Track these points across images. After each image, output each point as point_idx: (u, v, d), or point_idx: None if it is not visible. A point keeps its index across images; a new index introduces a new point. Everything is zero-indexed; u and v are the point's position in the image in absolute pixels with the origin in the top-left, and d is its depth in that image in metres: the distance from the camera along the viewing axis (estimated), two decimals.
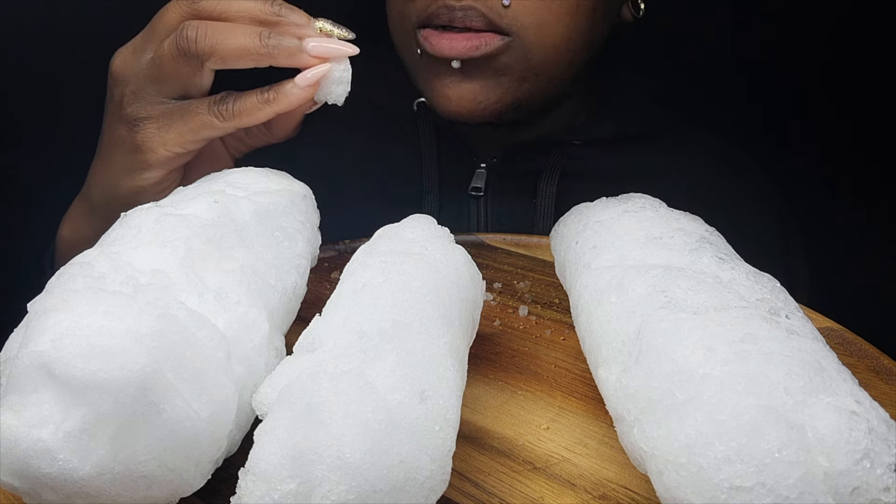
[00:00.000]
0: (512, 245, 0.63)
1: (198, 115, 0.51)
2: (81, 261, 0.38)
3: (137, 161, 0.52)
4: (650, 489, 0.37)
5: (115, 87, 0.53)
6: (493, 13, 0.57)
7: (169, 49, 0.50)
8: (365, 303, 0.38)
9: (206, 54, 0.49)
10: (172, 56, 0.49)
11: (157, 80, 0.51)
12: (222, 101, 0.51)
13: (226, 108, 0.51)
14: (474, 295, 0.45)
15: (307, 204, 0.51)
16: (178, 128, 0.51)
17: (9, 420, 0.32)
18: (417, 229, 0.46)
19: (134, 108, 0.51)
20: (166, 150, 0.51)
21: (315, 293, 0.52)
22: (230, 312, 0.39)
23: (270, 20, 0.49)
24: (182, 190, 0.47)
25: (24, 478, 0.33)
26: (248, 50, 0.49)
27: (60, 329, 0.32)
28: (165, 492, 0.34)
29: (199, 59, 0.49)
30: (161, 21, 0.50)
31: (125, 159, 0.53)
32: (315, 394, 0.32)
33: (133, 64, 0.52)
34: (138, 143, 0.52)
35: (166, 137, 0.51)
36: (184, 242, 0.40)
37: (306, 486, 0.31)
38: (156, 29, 0.51)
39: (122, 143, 0.53)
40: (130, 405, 0.32)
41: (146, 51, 0.51)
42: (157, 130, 0.51)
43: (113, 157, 0.54)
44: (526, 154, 0.71)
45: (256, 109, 0.51)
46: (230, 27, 0.49)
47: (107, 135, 0.54)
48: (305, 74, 0.50)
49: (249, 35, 0.49)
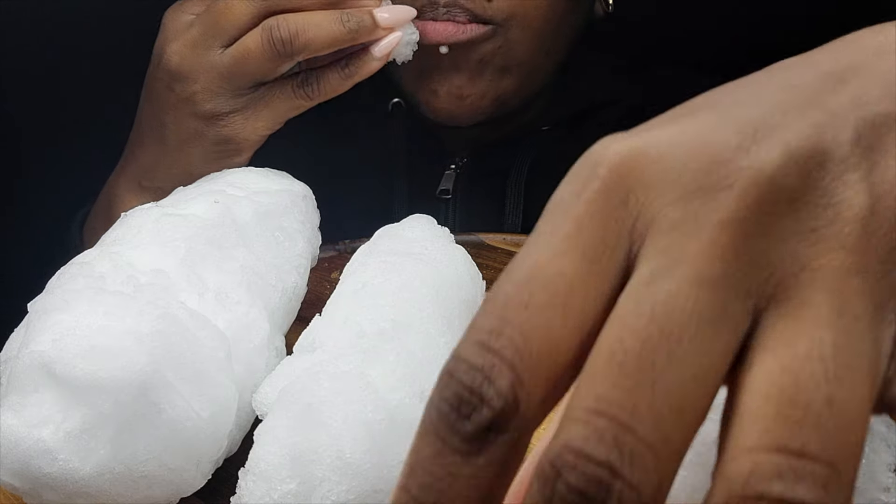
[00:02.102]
0: (512, 245, 0.63)
1: (284, 100, 0.53)
2: (82, 261, 0.38)
3: (227, 150, 0.54)
4: None
5: (177, 84, 0.53)
6: (476, 7, 0.58)
7: (256, 47, 0.51)
8: (365, 303, 0.38)
9: (300, 51, 0.51)
10: (263, 54, 0.51)
11: (238, 75, 0.52)
12: (306, 83, 0.53)
13: (311, 89, 0.53)
14: (474, 295, 0.45)
15: (307, 204, 0.51)
16: (266, 114, 0.53)
17: (9, 420, 0.32)
18: (417, 229, 0.46)
19: (214, 105, 0.53)
20: (257, 136, 0.54)
21: (315, 293, 0.52)
22: (230, 312, 0.39)
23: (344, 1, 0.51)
24: (182, 190, 0.48)
25: (24, 478, 0.33)
26: (337, 39, 0.51)
27: (61, 329, 0.32)
28: (166, 492, 0.34)
29: (293, 55, 0.51)
30: (227, 18, 0.51)
31: (210, 150, 0.54)
32: (315, 394, 0.32)
33: (198, 60, 0.52)
34: (226, 136, 0.54)
35: (257, 125, 0.53)
36: (184, 242, 0.40)
37: (306, 486, 0.31)
38: (221, 26, 0.51)
39: (203, 137, 0.54)
40: (131, 405, 0.32)
41: (212, 47, 0.51)
42: (245, 121, 0.53)
43: (191, 151, 0.55)
44: (495, 152, 0.71)
45: (339, 85, 0.53)
46: (315, 19, 0.51)
47: (175, 131, 0.55)
48: (381, 45, 0.53)
49: (334, 23, 0.51)
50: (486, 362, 0.19)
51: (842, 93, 0.20)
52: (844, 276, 0.18)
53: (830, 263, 0.18)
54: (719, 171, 0.19)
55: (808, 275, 0.18)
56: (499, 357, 0.19)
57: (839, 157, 0.19)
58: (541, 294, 0.19)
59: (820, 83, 0.20)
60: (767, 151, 0.19)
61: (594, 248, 0.19)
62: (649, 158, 0.19)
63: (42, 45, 0.65)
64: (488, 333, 0.19)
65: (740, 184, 0.18)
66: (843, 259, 0.18)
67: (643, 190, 0.19)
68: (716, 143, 0.19)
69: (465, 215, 0.70)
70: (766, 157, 0.19)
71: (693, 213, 0.18)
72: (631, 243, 0.19)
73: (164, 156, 0.56)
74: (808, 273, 0.18)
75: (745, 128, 0.19)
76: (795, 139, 0.19)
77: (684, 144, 0.19)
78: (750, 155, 0.19)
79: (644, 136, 0.20)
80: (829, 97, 0.20)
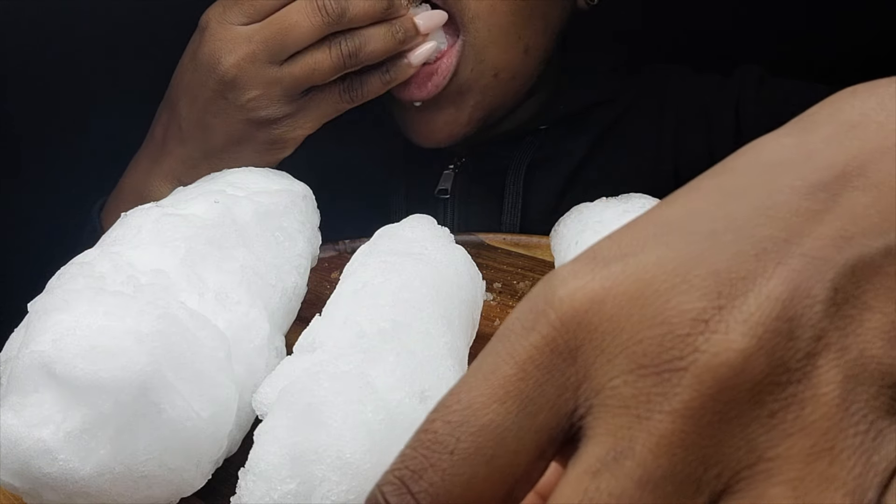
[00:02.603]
0: (512, 245, 0.63)
1: (331, 103, 0.56)
2: (82, 261, 0.38)
3: (274, 150, 0.57)
4: None
5: (231, 93, 0.54)
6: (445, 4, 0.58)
7: (326, 61, 0.54)
8: (365, 303, 0.38)
9: (363, 63, 0.54)
10: (332, 67, 0.54)
11: (299, 85, 0.54)
12: (351, 88, 0.56)
13: (356, 93, 0.56)
14: (474, 295, 0.45)
15: (307, 204, 0.51)
16: (313, 116, 0.56)
17: (9, 420, 0.32)
18: (417, 229, 0.46)
19: (268, 113, 0.55)
20: (302, 135, 0.57)
21: (315, 293, 0.52)
22: (230, 312, 0.39)
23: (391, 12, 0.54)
24: (182, 190, 0.48)
25: (24, 478, 0.33)
26: (391, 49, 0.55)
27: (61, 329, 0.32)
28: (166, 492, 0.34)
29: (357, 66, 0.55)
30: (293, 36, 0.53)
31: (258, 150, 0.57)
32: (315, 394, 0.32)
33: (259, 74, 0.54)
34: (276, 137, 0.56)
35: (305, 126, 0.56)
36: (184, 242, 0.40)
37: (306, 486, 0.31)
38: (286, 43, 0.53)
39: (253, 139, 0.56)
40: (131, 405, 0.32)
41: (273, 62, 0.54)
42: (294, 122, 0.56)
43: (239, 150, 0.57)
44: (494, 151, 0.71)
45: (380, 89, 0.57)
46: (373, 33, 0.54)
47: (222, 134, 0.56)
48: (417, 54, 0.57)
49: (388, 35, 0.54)
50: None
51: (826, 221, 0.18)
52: (805, 462, 0.17)
53: (788, 451, 0.17)
54: (675, 349, 0.17)
55: (763, 466, 0.17)
56: (415, 501, 0.18)
57: (810, 324, 0.17)
58: (469, 441, 0.18)
59: (807, 201, 0.18)
60: (728, 330, 0.17)
61: (533, 402, 0.18)
62: (604, 314, 0.18)
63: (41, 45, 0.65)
64: (412, 472, 0.18)
65: (695, 369, 0.17)
66: (804, 444, 0.17)
67: (593, 350, 0.18)
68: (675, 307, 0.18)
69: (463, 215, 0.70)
70: (727, 339, 0.17)
71: (645, 394, 0.17)
72: (576, 405, 0.18)
73: (209, 155, 0.58)
74: (764, 464, 0.17)
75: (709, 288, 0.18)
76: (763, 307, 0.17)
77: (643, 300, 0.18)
78: (709, 333, 0.17)
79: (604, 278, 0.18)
80: (813, 227, 0.18)
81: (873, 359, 0.17)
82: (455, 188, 0.70)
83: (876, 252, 0.18)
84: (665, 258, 0.18)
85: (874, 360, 0.17)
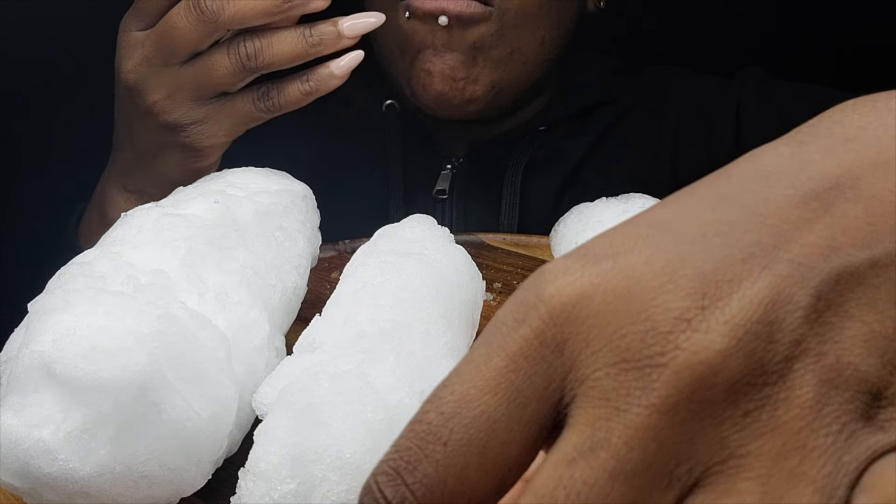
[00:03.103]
0: (512, 245, 0.63)
1: (245, 111, 0.54)
2: (82, 261, 0.38)
3: (193, 157, 0.55)
4: None
5: (137, 98, 0.54)
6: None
7: (222, 62, 0.52)
8: (365, 303, 0.38)
9: (264, 66, 0.52)
10: (228, 71, 0.52)
11: (202, 88, 0.53)
12: (266, 97, 0.54)
13: (272, 103, 0.54)
14: (474, 295, 0.45)
15: (307, 204, 0.51)
16: (226, 124, 0.54)
17: (9, 420, 0.32)
18: (417, 229, 0.46)
19: (176, 116, 0.54)
20: (219, 144, 0.55)
21: (315, 293, 0.52)
22: (231, 312, 0.39)
23: (282, 10, 0.51)
24: (182, 190, 0.48)
25: (24, 478, 0.33)
26: (300, 54, 0.52)
27: (61, 329, 0.32)
28: (166, 492, 0.34)
29: (258, 70, 0.52)
30: (175, 39, 0.52)
31: (177, 157, 0.56)
32: (315, 394, 0.32)
33: (155, 75, 0.53)
34: (189, 143, 0.55)
35: (219, 134, 0.55)
36: (185, 242, 0.40)
37: (306, 486, 0.31)
38: (172, 46, 0.52)
39: (170, 146, 0.55)
40: (131, 405, 0.32)
41: (169, 64, 0.53)
42: (206, 129, 0.54)
43: (163, 159, 0.56)
44: (492, 151, 0.71)
45: (299, 100, 0.54)
46: (280, 36, 0.52)
47: (143, 140, 0.57)
48: (341, 63, 0.54)
49: (297, 38, 0.52)
50: (396, 495, 0.19)
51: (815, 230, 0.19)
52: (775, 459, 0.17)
53: (759, 449, 0.17)
54: (657, 345, 0.18)
55: (734, 462, 0.17)
56: (409, 492, 0.19)
57: (790, 328, 0.18)
58: (461, 432, 0.19)
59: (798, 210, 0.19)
60: (709, 330, 0.18)
61: (523, 394, 0.19)
62: (591, 310, 0.19)
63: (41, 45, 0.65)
64: (406, 463, 0.19)
65: (674, 366, 0.17)
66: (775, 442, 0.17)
67: (580, 343, 0.19)
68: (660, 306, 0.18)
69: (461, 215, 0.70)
70: (707, 338, 0.18)
71: (626, 387, 0.18)
72: (562, 395, 0.19)
73: (138, 161, 0.58)
74: (735, 461, 0.17)
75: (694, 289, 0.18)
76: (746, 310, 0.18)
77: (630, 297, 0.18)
78: (690, 331, 0.18)
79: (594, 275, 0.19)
80: (802, 235, 0.19)
81: (850, 365, 0.18)
82: (453, 189, 0.70)
83: (861, 263, 0.18)
84: (654, 258, 0.19)
85: (851, 366, 0.18)
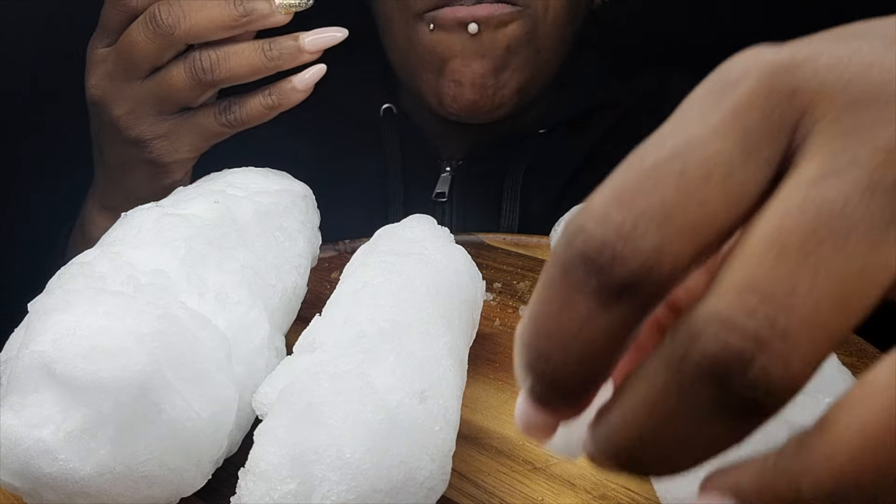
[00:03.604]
0: (512, 245, 0.63)
1: (207, 126, 0.54)
2: (82, 260, 0.38)
3: (157, 172, 0.56)
4: (650, 489, 0.37)
5: (103, 113, 0.55)
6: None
7: (179, 76, 0.52)
8: (365, 303, 0.38)
9: (221, 80, 0.52)
10: (185, 85, 0.52)
11: (162, 102, 0.53)
12: (228, 111, 0.54)
13: (233, 117, 0.54)
14: (474, 295, 0.45)
15: (307, 204, 0.51)
16: (189, 139, 0.55)
17: (9, 420, 0.32)
18: (417, 229, 0.46)
19: (139, 131, 0.54)
20: (183, 159, 0.55)
21: (315, 293, 0.52)
22: (231, 312, 0.39)
23: (239, 24, 0.52)
24: (182, 190, 0.48)
25: (24, 478, 0.33)
26: (258, 68, 0.52)
27: (61, 329, 0.32)
28: (166, 492, 0.34)
29: (215, 85, 0.53)
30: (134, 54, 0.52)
31: (143, 172, 0.56)
32: (315, 394, 0.32)
33: (117, 90, 0.54)
34: (153, 159, 0.55)
35: (181, 149, 0.55)
36: (185, 242, 0.40)
37: (306, 486, 0.31)
38: (133, 61, 0.52)
39: (136, 162, 0.56)
40: (131, 405, 0.32)
41: (130, 79, 0.53)
42: (169, 145, 0.55)
43: (131, 175, 0.57)
44: (492, 153, 0.70)
45: (261, 115, 0.54)
46: (237, 49, 0.52)
47: (111, 155, 0.57)
48: (304, 77, 0.53)
49: (255, 52, 0.52)
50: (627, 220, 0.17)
51: None
52: None
53: None
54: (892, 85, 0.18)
55: None
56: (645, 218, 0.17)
57: None
58: (697, 168, 0.17)
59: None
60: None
61: (755, 137, 0.18)
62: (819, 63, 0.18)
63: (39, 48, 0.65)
64: (633, 192, 0.18)
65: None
66: None
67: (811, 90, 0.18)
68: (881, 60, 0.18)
69: (461, 218, 0.70)
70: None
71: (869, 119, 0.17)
72: (791, 140, 0.18)
73: (109, 177, 0.59)
74: None
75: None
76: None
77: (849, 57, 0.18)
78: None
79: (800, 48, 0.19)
80: None
81: None
82: (452, 192, 0.70)
83: None
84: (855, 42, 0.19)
85: None
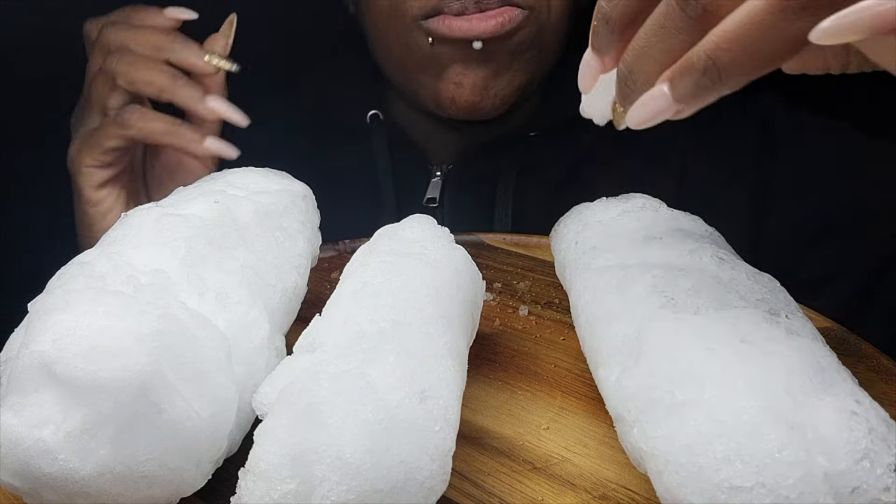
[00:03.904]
0: (512, 245, 0.63)
1: (103, 128, 0.57)
2: (82, 261, 0.38)
3: (82, 203, 0.59)
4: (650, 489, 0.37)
5: None
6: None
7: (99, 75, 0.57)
8: (365, 303, 0.38)
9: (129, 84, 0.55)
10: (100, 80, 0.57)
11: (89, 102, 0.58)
12: (125, 110, 0.57)
13: (121, 118, 0.56)
14: (474, 295, 0.45)
15: (307, 204, 0.51)
16: (89, 144, 0.57)
17: (9, 420, 0.32)
18: (417, 229, 0.46)
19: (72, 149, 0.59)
20: (83, 168, 0.58)
21: (315, 293, 0.52)
22: (231, 312, 0.39)
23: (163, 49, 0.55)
24: (182, 190, 0.48)
25: (24, 478, 0.33)
26: (161, 88, 0.55)
27: (61, 329, 0.32)
28: (166, 492, 0.34)
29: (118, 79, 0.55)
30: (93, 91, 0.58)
31: (79, 207, 0.60)
32: (315, 394, 0.32)
33: None
34: (77, 185, 0.59)
35: (81, 156, 0.58)
36: (185, 242, 0.40)
37: (306, 486, 0.31)
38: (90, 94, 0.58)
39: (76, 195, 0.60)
40: (131, 405, 0.32)
41: None
42: (76, 151, 0.58)
43: (77, 212, 0.61)
44: (479, 158, 0.70)
45: (162, 135, 0.56)
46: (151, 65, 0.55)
47: None
48: (210, 144, 0.57)
49: (163, 72, 0.55)
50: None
51: None
52: None
53: None
54: None
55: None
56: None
57: None
58: None
59: None
60: None
61: None
62: None
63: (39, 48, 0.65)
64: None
65: None
66: None
67: None
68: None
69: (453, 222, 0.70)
70: None
71: None
72: None
73: None
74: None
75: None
76: None
77: None
78: None
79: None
80: None
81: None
82: (443, 197, 0.70)
83: None
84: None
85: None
